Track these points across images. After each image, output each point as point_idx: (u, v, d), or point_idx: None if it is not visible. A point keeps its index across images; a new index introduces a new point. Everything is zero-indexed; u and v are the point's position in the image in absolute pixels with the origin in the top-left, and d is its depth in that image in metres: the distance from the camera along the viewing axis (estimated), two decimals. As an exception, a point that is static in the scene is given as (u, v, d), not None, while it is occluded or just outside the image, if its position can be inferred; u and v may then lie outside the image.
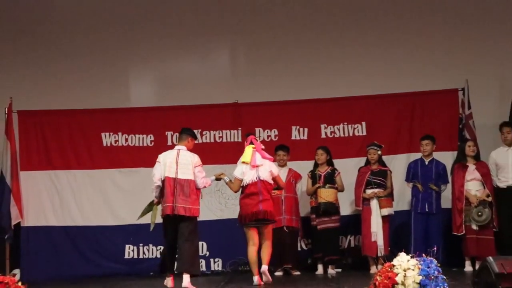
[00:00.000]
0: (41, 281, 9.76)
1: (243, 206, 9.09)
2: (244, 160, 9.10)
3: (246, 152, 9.21)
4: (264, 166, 9.05)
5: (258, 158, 9.11)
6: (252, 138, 9.46)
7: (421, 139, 10.31)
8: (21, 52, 11.86)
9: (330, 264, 10.27)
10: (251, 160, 9.07)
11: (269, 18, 11.97)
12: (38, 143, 11.23)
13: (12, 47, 11.88)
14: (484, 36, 11.54)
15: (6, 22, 11.94)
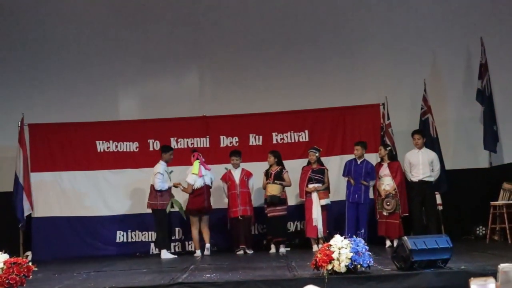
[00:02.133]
0: (48, 261, 9.99)
1: (193, 203, 10.38)
2: (194, 172, 10.31)
3: (194, 166, 10.39)
4: (207, 175, 10.42)
5: (202, 169, 10.36)
6: (197, 154, 10.50)
7: (355, 144, 10.53)
8: (28, 75, 11.85)
9: (281, 244, 10.38)
10: (199, 172, 10.29)
11: (230, 48, 12.04)
12: (45, 149, 11.38)
13: (19, 72, 11.89)
14: (400, 62, 11.73)
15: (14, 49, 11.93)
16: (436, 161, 10.52)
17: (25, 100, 11.60)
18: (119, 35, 12.12)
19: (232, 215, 10.58)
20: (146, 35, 12.13)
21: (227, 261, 9.06)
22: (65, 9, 11.93)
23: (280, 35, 12.07)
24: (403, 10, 11.85)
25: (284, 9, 11.95)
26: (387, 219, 10.18)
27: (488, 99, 11.15)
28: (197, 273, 7.55)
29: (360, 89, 11.68)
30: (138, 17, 12.06)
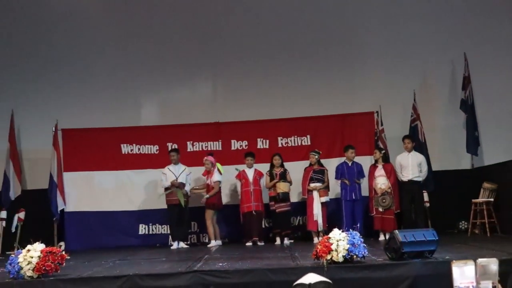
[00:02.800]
0: (79, 250, 10.11)
1: (212, 199, 10.54)
2: (221, 171, 10.53)
3: (219, 167, 10.53)
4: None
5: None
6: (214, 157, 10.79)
7: (348, 147, 10.59)
8: (61, 85, 11.80)
9: (286, 237, 10.42)
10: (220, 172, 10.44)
11: (240, 60, 11.97)
12: (76, 152, 11.43)
13: (53, 82, 11.84)
14: (393, 75, 11.65)
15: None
16: (424, 163, 10.53)
17: (59, 108, 11.56)
18: (141, 49, 12.05)
19: (246, 210, 10.61)
20: (164, 49, 12.02)
21: (237, 252, 9.06)
22: (92, 30, 11.94)
23: (285, 48, 11.96)
24: (397, 29, 11.76)
25: (289, 25, 11.86)
26: (382, 214, 10.17)
27: (470, 108, 11.17)
28: (210, 262, 7.56)
29: (357, 98, 11.67)
30: (158, 32, 11.97)
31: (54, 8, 11.77)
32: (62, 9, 11.81)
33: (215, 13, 11.95)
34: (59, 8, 11.78)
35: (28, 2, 11.78)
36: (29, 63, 11.86)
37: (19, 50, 11.87)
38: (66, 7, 11.77)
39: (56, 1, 11.81)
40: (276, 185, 10.56)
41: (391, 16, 11.74)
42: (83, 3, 11.83)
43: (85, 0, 11.89)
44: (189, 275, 6.54)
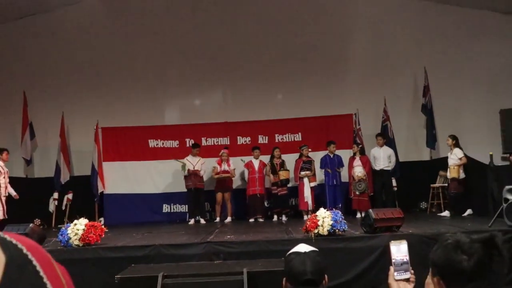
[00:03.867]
0: (115, 225, 9.78)
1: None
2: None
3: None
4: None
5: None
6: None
7: (330, 143, 10.53)
8: (103, 92, 11.75)
9: (284, 214, 10.42)
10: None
11: (245, 71, 11.88)
12: (113, 145, 11.40)
13: (98, 90, 11.77)
14: (368, 84, 11.54)
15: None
16: (393, 155, 10.56)
17: (100, 110, 11.53)
18: (165, 63, 11.94)
19: (251, 192, 10.60)
20: (184, 63, 11.94)
21: (242, 227, 9.08)
22: (127, 50, 11.86)
23: (282, 63, 11.84)
24: (373, 47, 11.67)
25: (285, 44, 11.76)
26: (359, 197, 10.16)
27: (429, 111, 11.20)
28: (220, 235, 7.60)
29: (339, 103, 11.54)
30: (179, 50, 11.85)
31: (98, 28, 11.81)
32: (102, 30, 11.83)
33: (225, 35, 11.84)
34: (102, 28, 11.82)
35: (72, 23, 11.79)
36: (75, 76, 11.83)
37: (67, 65, 11.85)
38: (110, 29, 11.82)
39: (99, 21, 11.82)
40: (279, 173, 10.52)
41: (368, 38, 11.65)
42: (122, 27, 11.84)
43: (122, 23, 11.86)
44: (203, 245, 6.59)
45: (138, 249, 6.55)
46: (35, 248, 0.80)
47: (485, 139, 10.03)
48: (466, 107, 11.23)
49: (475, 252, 1.60)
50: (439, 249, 1.68)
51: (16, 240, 0.80)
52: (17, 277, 0.74)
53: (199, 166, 10.73)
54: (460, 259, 1.60)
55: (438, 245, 1.69)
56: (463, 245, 1.62)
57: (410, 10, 11.48)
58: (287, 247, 5.16)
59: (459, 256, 1.61)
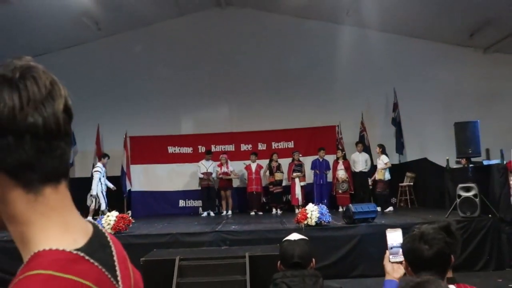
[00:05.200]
0: (140, 217, 9.70)
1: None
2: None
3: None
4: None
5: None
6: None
7: (318, 149, 10.45)
8: (131, 106, 11.56)
9: (278, 208, 10.36)
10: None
11: (248, 89, 11.70)
12: (139, 151, 11.23)
13: (127, 105, 11.54)
14: (349, 100, 11.26)
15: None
16: (369, 160, 10.46)
17: (128, 121, 11.37)
18: (181, 82, 11.79)
19: (250, 190, 10.55)
20: (196, 82, 11.81)
21: (245, 219, 9.01)
22: (150, 70, 11.79)
23: (280, 83, 11.70)
24: (354, 70, 11.53)
25: (282, 66, 11.64)
26: (342, 194, 10.13)
27: (398, 123, 11.18)
28: (227, 225, 7.55)
29: (325, 116, 11.39)
30: (192, 70, 11.69)
31: (127, 55, 11.70)
32: (130, 55, 11.73)
33: (231, 61, 11.78)
34: (130, 54, 11.70)
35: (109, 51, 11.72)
36: (109, 93, 11.76)
37: (102, 84, 11.78)
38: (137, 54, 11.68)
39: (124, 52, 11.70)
40: (275, 174, 10.49)
41: (349, 64, 11.46)
42: (145, 53, 11.73)
43: (147, 49, 11.77)
44: (212, 234, 6.59)
45: (159, 237, 6.54)
46: (117, 243, 0.82)
47: (443, 146, 9.93)
48: (428, 120, 11.22)
49: (436, 243, 1.60)
50: (407, 239, 1.69)
51: (104, 231, 0.82)
52: (97, 247, 0.75)
53: (211, 169, 10.63)
54: (422, 248, 1.61)
55: (407, 235, 1.70)
56: (426, 235, 1.62)
57: (384, 41, 11.39)
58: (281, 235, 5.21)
59: (421, 245, 1.61)
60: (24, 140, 0.69)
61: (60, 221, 0.73)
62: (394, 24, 11.15)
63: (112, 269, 0.75)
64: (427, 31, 11.15)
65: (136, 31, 11.72)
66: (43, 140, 0.71)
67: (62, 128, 0.73)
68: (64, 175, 0.75)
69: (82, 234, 0.75)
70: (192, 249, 5.86)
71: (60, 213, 0.74)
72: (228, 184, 10.65)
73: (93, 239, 0.76)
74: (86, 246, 0.73)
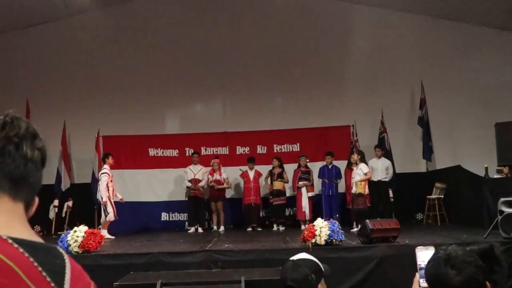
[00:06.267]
0: (114, 232, 9.68)
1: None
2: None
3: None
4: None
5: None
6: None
7: (326, 154, 10.52)
8: (104, 101, 11.62)
9: (280, 224, 10.40)
10: None
11: (245, 81, 11.81)
12: (114, 154, 10.63)
13: (99, 99, 11.68)
14: (366, 95, 11.52)
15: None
16: (390, 167, 10.50)
17: (100, 119, 11.42)
18: (166, 73, 11.92)
19: (247, 202, 10.56)
20: (185, 73, 11.88)
21: (240, 236, 9.05)
22: (128, 59, 11.81)
23: (281, 74, 11.82)
24: (371, 59, 11.64)
25: (285, 55, 11.74)
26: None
27: (426, 123, 11.19)
28: (219, 243, 7.58)
29: (337, 114, 11.48)
30: (180, 60, 11.82)
31: (100, 39, 11.76)
32: (104, 41, 11.80)
33: (225, 45, 11.84)
34: (104, 40, 11.78)
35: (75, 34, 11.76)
36: (77, 85, 11.78)
37: (66, 74, 11.81)
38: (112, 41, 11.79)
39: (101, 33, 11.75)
40: (273, 183, 10.49)
41: (367, 51, 11.60)
42: (123, 39, 11.82)
43: (123, 35, 11.84)
44: (201, 253, 6.59)
45: (137, 257, 6.54)
46: (76, 267, 0.97)
47: (480, 152, 9.97)
48: (462, 120, 11.28)
49: (465, 267, 1.57)
50: (431, 262, 1.67)
51: (63, 252, 0.99)
52: (43, 252, 0.91)
53: (200, 175, 10.65)
54: (449, 273, 1.58)
55: (431, 258, 1.68)
56: (454, 258, 1.60)
57: (408, 24, 11.49)
58: (284, 256, 5.17)
59: (448, 270, 1.58)
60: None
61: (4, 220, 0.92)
62: (421, 3, 11.13)
63: (58, 276, 0.87)
64: (461, 12, 11.14)
65: (113, 8, 11.75)
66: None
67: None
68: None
69: (28, 235, 0.90)
70: (177, 272, 5.85)
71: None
72: (220, 194, 10.67)
73: (39, 246, 0.89)
74: (23, 241, 0.87)
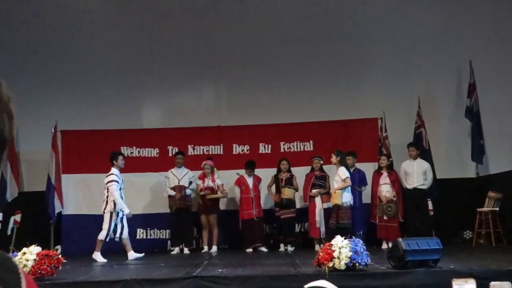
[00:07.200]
0: (76, 254, 9.78)
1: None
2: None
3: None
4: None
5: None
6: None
7: (346, 155, 10.32)
8: (63, 85, 11.70)
9: (289, 244, 10.44)
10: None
11: (244, 62, 11.90)
12: (75, 154, 11.33)
13: (56, 83, 11.73)
14: (398, 79, 11.60)
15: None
16: (429, 171, 10.52)
17: (59, 108, 11.48)
18: (145, 51, 12.03)
19: (247, 217, 10.59)
20: (169, 52, 12.00)
21: (237, 258, 9.05)
22: (94, 30, 11.92)
23: (289, 52, 11.91)
24: (402, 33, 11.75)
25: (293, 30, 11.79)
26: (386, 223, 10.17)
27: (475, 115, 11.14)
28: (210, 268, 7.59)
29: (360, 104, 11.57)
30: (163, 36, 11.97)
31: (53, 7, 11.69)
32: (62, 9, 11.74)
33: (220, 18, 11.91)
34: (58, 7, 11.71)
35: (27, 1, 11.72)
36: (25, 62, 11.74)
37: (14, 48, 11.81)
38: (67, 7, 11.70)
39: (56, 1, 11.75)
40: (281, 190, 10.53)
41: (396, 20, 11.71)
42: (86, 5, 11.81)
43: (88, 2, 11.87)
44: (187, 281, 6.56)
45: (104, 286, 6.54)
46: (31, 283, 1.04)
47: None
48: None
49: None
50: None
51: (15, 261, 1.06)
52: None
53: (186, 181, 10.70)
54: None
55: None
56: None
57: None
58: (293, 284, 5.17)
59: None
60: None
61: None
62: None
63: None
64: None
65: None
66: None
67: None
68: None
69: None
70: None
71: None
72: (213, 205, 10.70)
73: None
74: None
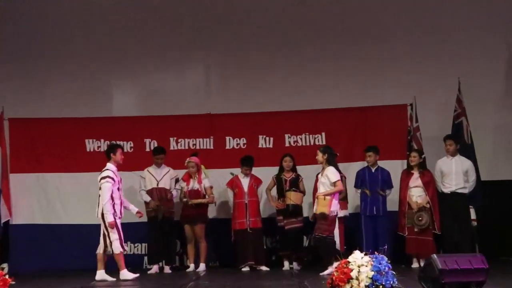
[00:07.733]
0: (27, 274, 9.73)
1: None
2: (207, 176, 10.62)
3: (204, 171, 10.62)
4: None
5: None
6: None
7: (365, 150, 10.51)
8: (11, 63, 11.75)
9: (296, 261, 10.42)
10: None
11: (238, 38, 12.01)
12: (27, 148, 11.29)
13: (2, 59, 11.81)
14: (431, 57, 11.62)
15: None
16: (472, 171, 10.36)
17: (6, 92, 11.55)
18: (118, 24, 12.16)
19: (238, 226, 10.47)
20: (148, 26, 12.10)
21: (231, 279, 9.12)
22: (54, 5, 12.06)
23: (293, 27, 12.01)
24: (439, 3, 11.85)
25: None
26: (417, 235, 10.05)
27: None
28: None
29: (384, 86, 11.54)
30: (141, 7, 12.14)
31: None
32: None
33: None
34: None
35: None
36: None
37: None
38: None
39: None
40: (285, 194, 10.36)
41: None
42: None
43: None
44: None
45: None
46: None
47: None
48: None
49: None
50: None
51: None
52: None
53: (167, 183, 10.60)
54: None
55: None
56: None
57: None
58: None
59: None
60: None
61: None
62: None
63: None
64: None
65: None
66: None
67: None
68: None
69: None
70: None
71: None
72: (200, 213, 10.53)
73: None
74: None
